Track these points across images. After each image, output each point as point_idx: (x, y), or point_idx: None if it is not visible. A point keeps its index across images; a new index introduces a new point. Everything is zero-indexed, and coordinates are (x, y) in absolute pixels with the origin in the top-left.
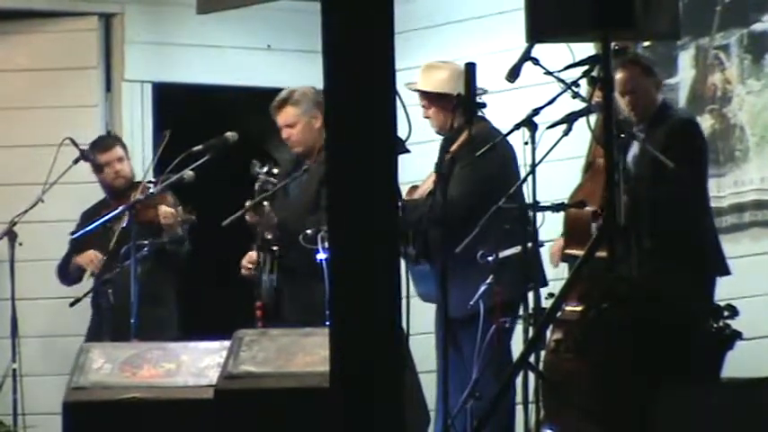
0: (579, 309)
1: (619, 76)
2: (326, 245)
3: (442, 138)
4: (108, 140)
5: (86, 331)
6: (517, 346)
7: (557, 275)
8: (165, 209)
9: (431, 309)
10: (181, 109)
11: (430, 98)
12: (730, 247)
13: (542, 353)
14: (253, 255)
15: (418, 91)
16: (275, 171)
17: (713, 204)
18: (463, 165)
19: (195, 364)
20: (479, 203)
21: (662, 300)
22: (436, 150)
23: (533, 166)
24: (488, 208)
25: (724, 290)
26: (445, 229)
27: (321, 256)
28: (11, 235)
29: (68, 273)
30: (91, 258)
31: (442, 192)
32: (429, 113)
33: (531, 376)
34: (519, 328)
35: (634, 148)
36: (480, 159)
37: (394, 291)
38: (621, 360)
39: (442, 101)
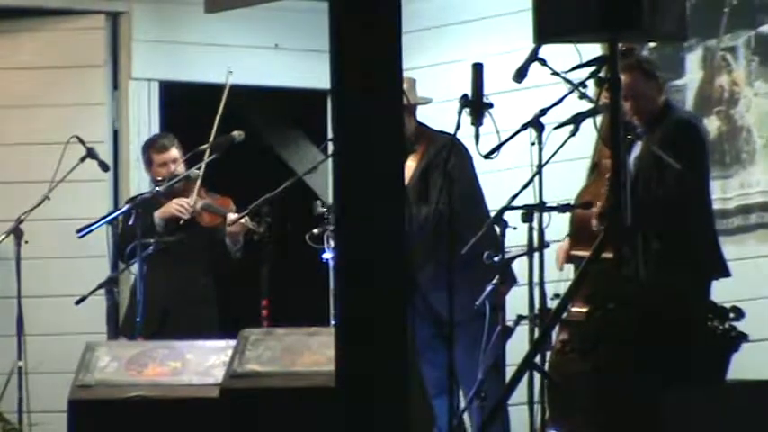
0: (585, 310)
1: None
2: (332, 244)
3: None
4: (165, 141)
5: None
6: (522, 346)
7: (561, 276)
8: (233, 217)
9: None
10: (187, 108)
11: None
12: (736, 248)
13: (548, 354)
14: None
15: None
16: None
17: (719, 206)
18: (448, 174)
19: (201, 362)
20: (469, 210)
21: (667, 301)
22: None
23: (540, 166)
24: (475, 214)
25: (730, 291)
26: (447, 235)
27: (327, 255)
28: (17, 233)
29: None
30: (180, 204)
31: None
32: None
33: (537, 377)
34: (524, 329)
35: (636, 150)
36: (462, 166)
37: (400, 290)
38: (627, 361)
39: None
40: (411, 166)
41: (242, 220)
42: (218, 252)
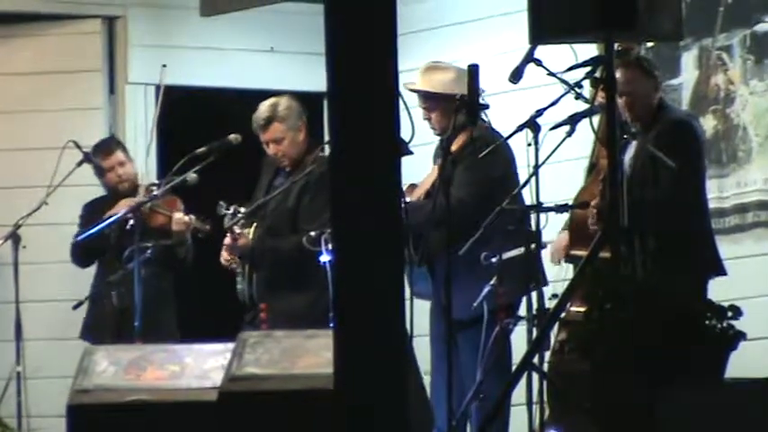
0: (583, 309)
1: (618, 76)
2: (330, 247)
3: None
4: (108, 145)
5: (81, 329)
6: (521, 346)
7: (560, 276)
8: (178, 216)
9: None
10: (184, 111)
11: (434, 99)
12: (733, 247)
13: (546, 354)
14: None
15: (420, 92)
16: (241, 210)
17: (716, 205)
18: (466, 166)
19: (199, 366)
20: (484, 205)
21: (665, 300)
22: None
23: (536, 167)
24: (491, 209)
25: (727, 290)
26: (449, 230)
27: (325, 258)
28: (15, 238)
29: (90, 246)
30: (128, 204)
31: (444, 193)
32: (431, 115)
33: (535, 377)
34: (522, 329)
35: (630, 150)
36: (484, 161)
37: (398, 292)
38: (624, 360)
39: (446, 102)
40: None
41: (186, 219)
42: (172, 253)
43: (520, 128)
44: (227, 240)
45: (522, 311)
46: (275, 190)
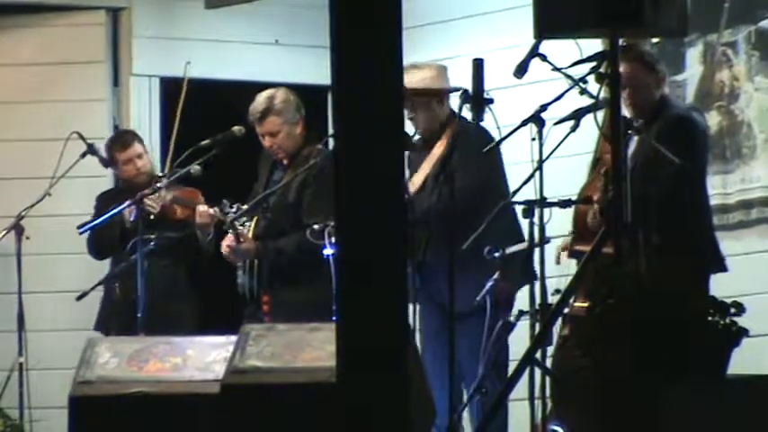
0: (586, 305)
1: (621, 70)
2: (333, 240)
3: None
4: (126, 137)
5: (96, 321)
6: (524, 342)
7: (563, 272)
8: (203, 208)
9: None
10: (188, 103)
11: (418, 97)
12: (737, 243)
13: (549, 349)
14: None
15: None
16: (244, 207)
17: (720, 201)
18: (465, 160)
19: (201, 358)
20: (484, 198)
21: (667, 296)
22: None
23: (540, 162)
24: (490, 203)
25: (730, 287)
26: (453, 222)
27: (328, 251)
28: (18, 229)
29: (101, 237)
30: (150, 198)
31: (440, 188)
32: (414, 114)
33: (537, 372)
34: (525, 324)
35: (631, 146)
36: (483, 154)
37: (400, 285)
38: (627, 356)
39: (430, 99)
40: (435, 153)
41: (210, 211)
42: (191, 245)
43: (524, 122)
44: (230, 242)
45: (525, 306)
46: (274, 184)
